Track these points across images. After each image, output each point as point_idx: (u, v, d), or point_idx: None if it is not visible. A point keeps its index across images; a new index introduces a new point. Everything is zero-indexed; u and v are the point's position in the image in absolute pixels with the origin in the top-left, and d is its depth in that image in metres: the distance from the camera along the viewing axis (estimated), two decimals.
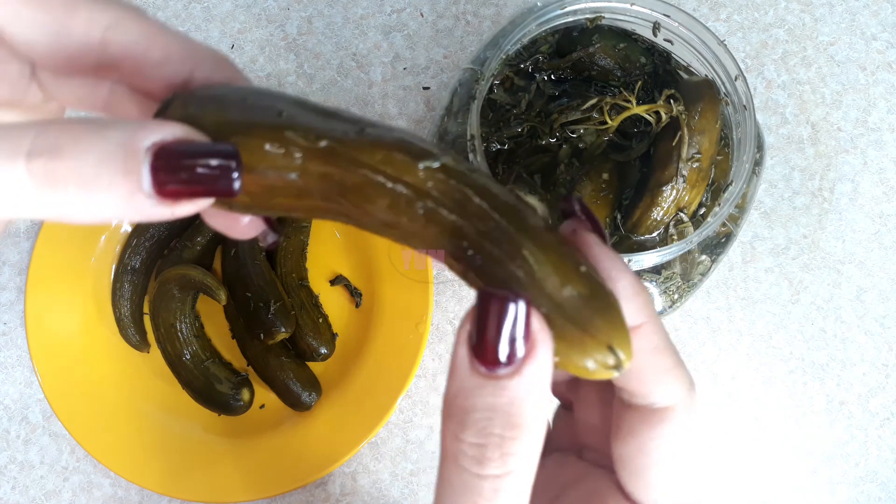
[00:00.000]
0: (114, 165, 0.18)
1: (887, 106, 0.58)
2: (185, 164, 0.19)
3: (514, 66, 0.43)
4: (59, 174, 0.18)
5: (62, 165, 0.18)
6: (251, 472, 0.52)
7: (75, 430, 0.51)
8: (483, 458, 0.20)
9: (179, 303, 0.54)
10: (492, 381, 0.19)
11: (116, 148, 0.18)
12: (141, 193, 0.18)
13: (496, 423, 0.19)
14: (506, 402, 0.19)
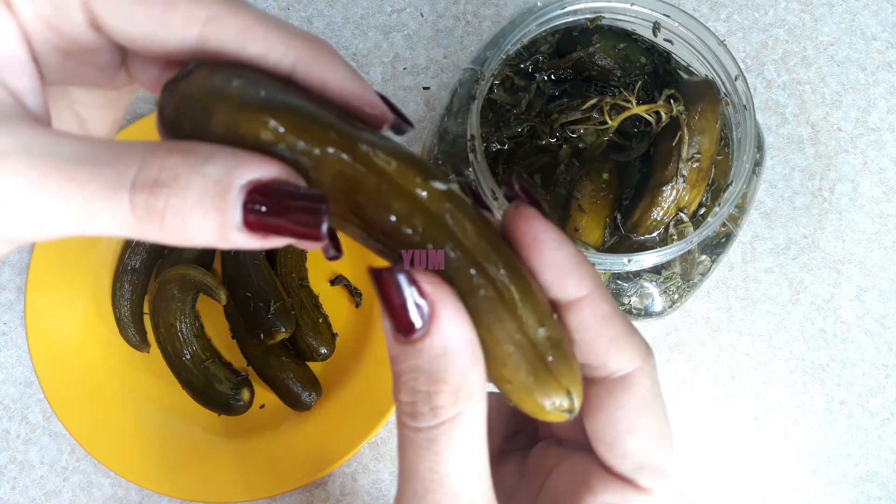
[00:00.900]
0: (208, 202, 0.19)
1: (887, 106, 0.58)
2: (275, 207, 0.20)
3: (514, 66, 0.43)
4: (157, 208, 0.19)
5: (161, 201, 0.19)
6: (251, 472, 0.52)
7: (75, 430, 0.51)
8: (416, 413, 0.22)
9: (179, 303, 0.54)
10: (409, 346, 0.21)
11: (213, 185, 0.19)
12: (230, 230, 0.19)
13: (420, 381, 0.21)
14: (425, 361, 0.21)
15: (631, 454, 0.24)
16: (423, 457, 0.22)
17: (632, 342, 0.23)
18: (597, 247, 0.40)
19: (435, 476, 0.22)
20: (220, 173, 0.19)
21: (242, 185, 0.19)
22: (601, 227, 0.41)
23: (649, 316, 0.42)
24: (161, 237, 0.19)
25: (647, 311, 0.41)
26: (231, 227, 0.19)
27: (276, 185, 0.20)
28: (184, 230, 0.19)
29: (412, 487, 0.22)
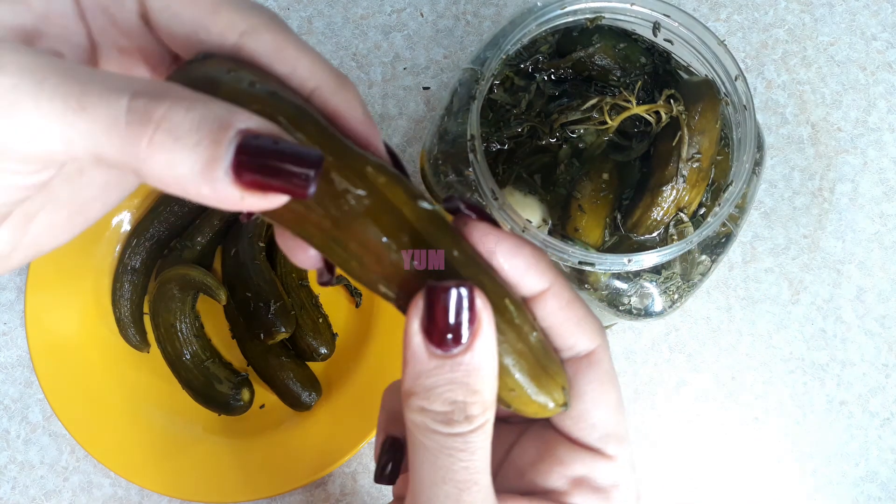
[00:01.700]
0: (206, 129, 0.19)
1: (887, 106, 0.58)
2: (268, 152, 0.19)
3: (514, 66, 0.43)
4: (153, 116, 0.18)
5: (160, 110, 0.18)
6: (251, 472, 0.52)
7: (75, 430, 0.51)
8: (451, 421, 0.23)
9: (179, 303, 0.54)
10: (448, 360, 0.23)
11: (214, 117, 0.19)
12: (219, 167, 0.19)
13: (458, 393, 0.23)
14: (462, 374, 0.23)
15: (598, 425, 0.26)
16: (459, 458, 0.23)
17: (592, 323, 0.26)
18: (597, 247, 0.40)
19: (470, 475, 0.24)
20: (223, 111, 0.19)
21: (241, 128, 0.19)
22: (601, 227, 0.41)
23: (649, 316, 0.42)
24: (145, 155, 0.18)
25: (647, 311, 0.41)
26: (219, 164, 0.19)
27: (274, 137, 0.19)
28: (170, 152, 0.18)
29: (443, 490, 0.24)
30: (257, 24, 0.23)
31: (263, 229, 0.54)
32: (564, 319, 0.25)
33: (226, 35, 0.22)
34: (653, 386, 0.55)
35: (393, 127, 0.58)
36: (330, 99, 0.23)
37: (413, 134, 0.58)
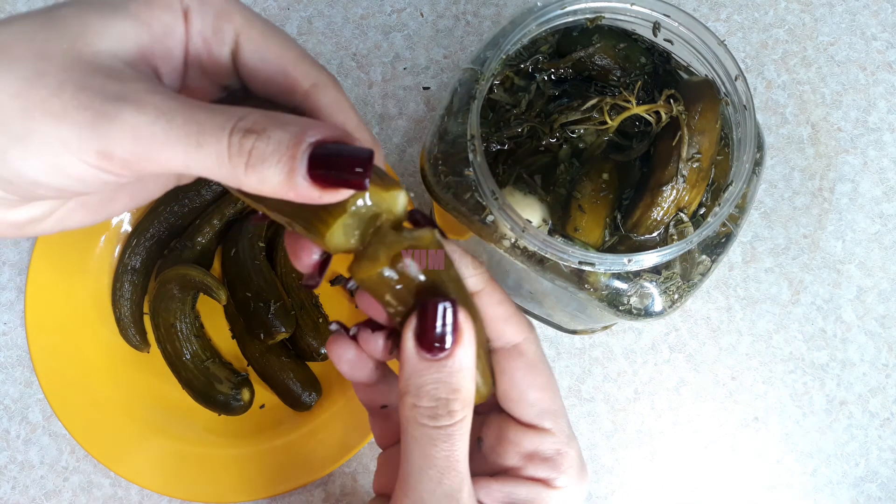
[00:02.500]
0: (284, 149, 0.24)
1: (887, 106, 0.58)
2: (332, 159, 0.24)
3: (514, 66, 0.43)
4: (246, 148, 0.24)
5: (250, 143, 0.24)
6: (251, 472, 0.52)
7: (75, 430, 0.51)
8: (436, 415, 0.29)
9: (179, 303, 0.54)
10: (435, 363, 0.28)
11: (290, 138, 0.24)
12: (297, 176, 0.24)
13: (441, 390, 0.28)
14: (446, 375, 0.28)
15: (534, 403, 0.32)
16: (441, 448, 0.29)
17: (519, 320, 0.32)
18: (597, 247, 0.40)
19: (450, 462, 0.29)
20: (296, 131, 0.24)
21: (311, 141, 0.24)
22: (601, 227, 0.41)
23: (649, 316, 0.41)
24: (245, 176, 0.24)
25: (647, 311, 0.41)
26: (298, 172, 0.24)
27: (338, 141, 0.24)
28: (262, 171, 0.24)
29: (428, 474, 0.29)
30: (326, 81, 0.29)
31: (263, 229, 0.54)
32: (495, 316, 0.31)
33: (300, 83, 0.28)
34: (653, 386, 0.55)
35: (393, 127, 0.58)
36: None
37: (413, 134, 0.58)
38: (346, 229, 0.27)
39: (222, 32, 0.28)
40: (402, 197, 0.28)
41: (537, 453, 0.32)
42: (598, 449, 0.54)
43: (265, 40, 0.28)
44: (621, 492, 0.53)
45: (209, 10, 0.27)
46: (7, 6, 0.60)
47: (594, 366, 0.55)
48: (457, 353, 0.28)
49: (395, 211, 0.28)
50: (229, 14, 0.28)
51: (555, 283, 0.41)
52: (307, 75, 0.28)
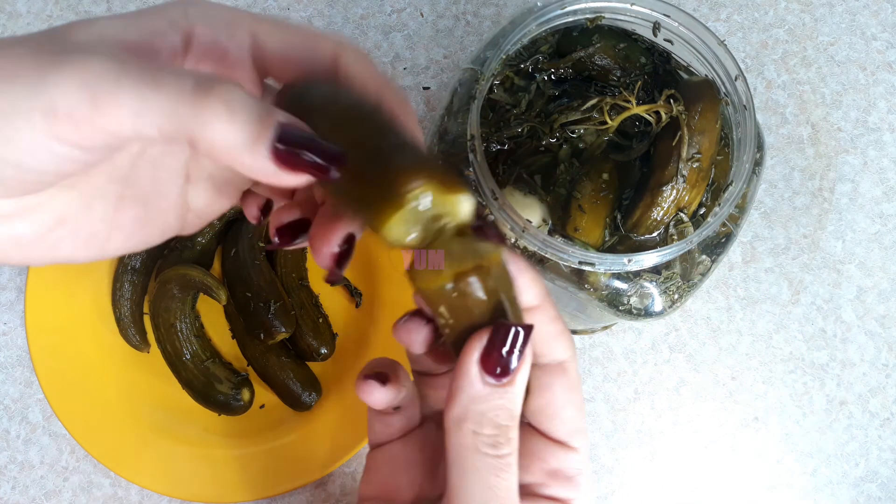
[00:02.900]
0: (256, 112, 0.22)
1: (887, 106, 0.58)
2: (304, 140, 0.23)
3: (514, 66, 0.43)
4: (215, 90, 0.22)
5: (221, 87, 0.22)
6: (251, 471, 0.52)
7: (75, 430, 0.51)
8: (497, 443, 0.28)
9: (179, 303, 0.54)
10: (499, 388, 0.27)
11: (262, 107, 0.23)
12: (263, 143, 0.22)
13: (502, 417, 0.27)
14: (508, 401, 0.27)
15: (568, 421, 0.31)
16: (503, 478, 0.28)
17: (568, 338, 0.31)
18: (597, 247, 0.40)
19: (510, 493, 0.28)
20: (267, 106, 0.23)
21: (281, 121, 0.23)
22: (601, 227, 0.41)
23: (649, 316, 0.42)
24: (202, 123, 0.22)
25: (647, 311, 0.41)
26: (264, 140, 0.22)
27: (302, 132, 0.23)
28: (226, 123, 0.22)
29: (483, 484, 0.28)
30: (345, 44, 0.28)
31: (263, 229, 0.54)
32: (548, 331, 0.30)
33: (325, 52, 0.28)
34: (653, 386, 0.55)
35: None
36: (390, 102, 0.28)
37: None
38: (406, 224, 0.25)
39: (236, 39, 0.28)
40: (466, 203, 0.27)
41: (561, 471, 0.31)
42: (598, 449, 0.54)
43: (281, 30, 0.28)
44: (621, 492, 0.53)
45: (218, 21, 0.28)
46: (7, 6, 0.60)
47: (594, 366, 0.55)
48: (518, 379, 0.28)
49: (459, 217, 0.27)
50: (239, 19, 0.28)
51: (555, 283, 0.41)
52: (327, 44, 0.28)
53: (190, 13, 0.27)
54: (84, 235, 0.28)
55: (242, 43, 0.28)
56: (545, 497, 0.31)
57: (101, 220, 0.29)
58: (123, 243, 0.30)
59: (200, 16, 0.27)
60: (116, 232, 0.29)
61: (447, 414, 0.28)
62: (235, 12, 0.28)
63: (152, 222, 0.30)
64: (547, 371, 0.31)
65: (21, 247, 0.27)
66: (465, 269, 0.26)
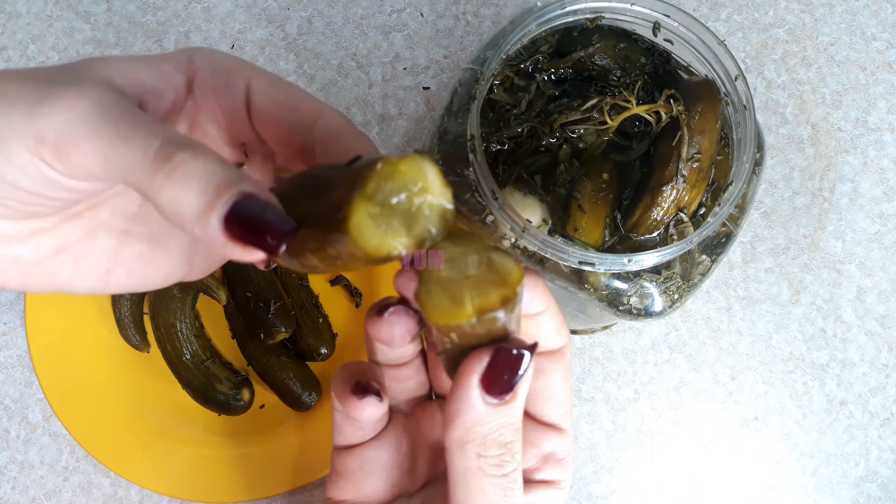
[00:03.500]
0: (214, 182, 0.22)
1: (887, 106, 0.58)
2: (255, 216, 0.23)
3: (514, 66, 0.43)
4: (175, 158, 0.22)
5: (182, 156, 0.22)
6: (251, 472, 0.52)
7: (75, 430, 0.51)
8: (503, 463, 0.27)
9: (179, 303, 0.54)
10: (502, 406, 0.26)
11: (225, 175, 0.23)
12: (213, 215, 0.22)
13: (507, 434, 0.27)
14: (511, 417, 0.27)
15: (561, 404, 0.31)
16: (511, 497, 0.28)
17: (566, 328, 0.31)
18: (597, 247, 0.40)
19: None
20: (232, 175, 0.23)
21: (244, 191, 0.22)
22: (601, 227, 0.41)
23: (649, 316, 0.41)
24: (160, 187, 0.22)
25: (647, 311, 0.41)
26: (214, 212, 0.22)
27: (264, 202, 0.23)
28: (180, 190, 0.22)
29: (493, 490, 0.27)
30: (332, 112, 0.29)
31: None
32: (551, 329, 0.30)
33: (309, 118, 0.28)
34: (653, 386, 0.55)
35: (393, 127, 0.58)
36: None
37: (413, 134, 0.58)
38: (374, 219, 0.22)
39: (234, 87, 0.29)
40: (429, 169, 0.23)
41: (553, 454, 0.32)
42: (598, 449, 0.54)
43: (273, 86, 0.29)
44: (621, 492, 0.53)
45: (220, 68, 0.29)
46: (7, 6, 0.60)
47: (594, 366, 0.55)
48: (520, 394, 0.27)
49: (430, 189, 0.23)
50: (239, 70, 0.29)
51: (555, 283, 0.41)
52: (314, 109, 0.29)
53: (195, 58, 0.29)
54: (85, 266, 0.29)
55: (238, 93, 0.29)
56: (539, 482, 0.31)
57: (103, 252, 0.29)
58: (125, 279, 0.30)
59: (205, 62, 0.29)
60: (119, 267, 0.30)
61: (448, 435, 0.27)
62: (236, 62, 0.29)
63: (157, 262, 0.31)
64: (546, 357, 0.31)
65: (20, 268, 0.27)
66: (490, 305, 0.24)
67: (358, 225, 0.22)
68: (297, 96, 0.29)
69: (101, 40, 0.59)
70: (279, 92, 0.29)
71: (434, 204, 0.23)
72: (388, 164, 0.22)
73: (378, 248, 0.23)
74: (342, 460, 0.33)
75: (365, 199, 0.22)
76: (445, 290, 0.24)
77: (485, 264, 0.24)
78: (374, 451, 0.33)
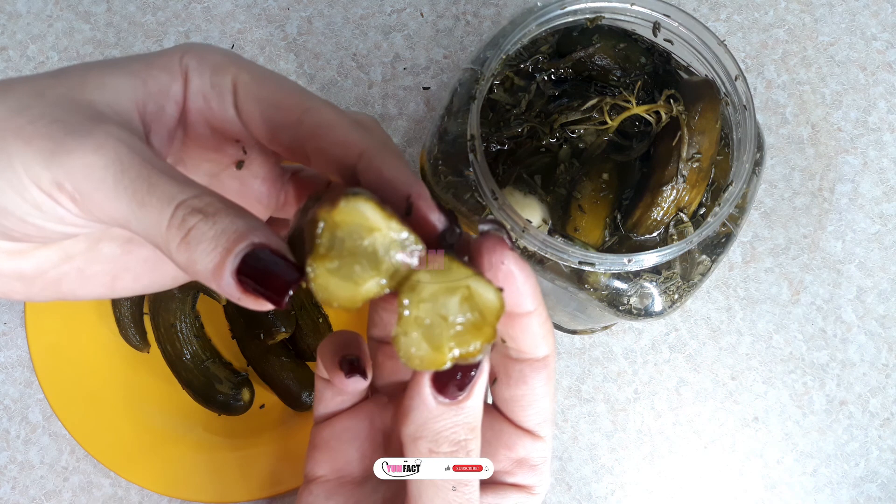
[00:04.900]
0: (222, 241, 0.23)
1: (887, 106, 0.58)
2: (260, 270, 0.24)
3: (514, 66, 0.43)
4: (187, 225, 0.24)
5: (192, 221, 0.24)
6: (251, 472, 0.52)
7: (75, 430, 0.51)
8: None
9: (179, 303, 0.54)
10: (454, 405, 0.27)
11: (234, 231, 0.24)
12: (224, 272, 0.23)
13: (461, 432, 0.27)
14: (465, 416, 0.27)
15: (541, 412, 0.31)
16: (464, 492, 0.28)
17: (552, 336, 0.31)
18: (597, 247, 0.40)
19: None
20: (243, 227, 0.24)
21: (254, 242, 0.24)
22: (601, 227, 0.41)
23: (649, 316, 0.42)
24: (176, 251, 0.24)
25: (647, 311, 0.41)
26: (227, 269, 0.23)
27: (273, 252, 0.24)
28: (194, 252, 0.24)
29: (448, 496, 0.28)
30: (320, 104, 0.28)
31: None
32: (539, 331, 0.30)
33: (291, 113, 0.28)
34: (653, 386, 0.55)
35: (393, 127, 0.58)
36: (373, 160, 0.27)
37: (413, 134, 0.58)
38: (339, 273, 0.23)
39: (220, 86, 0.28)
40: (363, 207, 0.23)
41: (527, 460, 0.32)
42: (598, 449, 0.54)
43: (257, 82, 0.28)
44: (621, 492, 0.53)
45: (207, 67, 0.28)
46: (7, 6, 0.60)
47: (594, 366, 0.55)
48: (475, 393, 0.27)
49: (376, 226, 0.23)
50: (225, 67, 0.28)
51: (555, 283, 0.41)
52: (298, 104, 0.28)
53: (185, 58, 0.28)
54: (90, 274, 0.29)
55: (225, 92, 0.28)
56: (510, 485, 0.32)
57: (108, 259, 0.30)
58: (132, 284, 0.31)
59: (195, 63, 0.28)
60: (125, 273, 0.30)
61: (402, 430, 0.27)
62: (224, 58, 0.28)
63: (164, 264, 0.31)
64: (529, 364, 0.31)
65: (24, 281, 0.28)
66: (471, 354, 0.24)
67: (323, 286, 0.23)
68: (282, 92, 0.28)
69: (101, 40, 0.59)
70: (263, 89, 0.28)
71: (387, 240, 0.23)
72: (325, 219, 0.23)
73: (352, 300, 0.23)
74: (319, 432, 0.35)
75: (319, 259, 0.23)
76: (425, 337, 0.24)
77: (466, 301, 0.24)
78: (349, 420, 0.34)
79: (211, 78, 0.28)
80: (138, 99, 0.27)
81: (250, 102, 0.28)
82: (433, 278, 0.23)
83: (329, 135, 0.27)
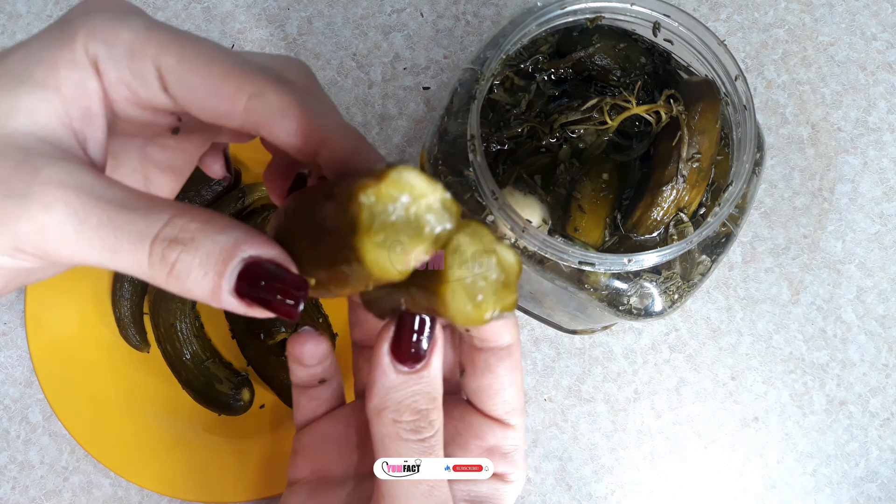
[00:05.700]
0: (212, 265, 0.23)
1: (887, 106, 0.58)
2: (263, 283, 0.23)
3: (514, 66, 0.43)
4: (170, 259, 0.23)
5: (175, 254, 0.22)
6: (251, 472, 0.52)
7: (75, 430, 0.51)
8: (418, 428, 0.28)
9: (179, 303, 0.54)
10: (413, 375, 0.28)
11: (219, 252, 0.23)
12: (223, 292, 0.23)
13: (421, 401, 0.28)
14: (424, 385, 0.28)
15: (508, 400, 0.32)
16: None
17: (514, 324, 0.32)
18: (597, 247, 0.40)
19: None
20: (229, 244, 0.23)
21: (244, 257, 0.23)
22: (601, 227, 0.41)
23: (649, 316, 0.41)
24: (166, 284, 0.23)
25: (647, 311, 0.41)
26: (224, 290, 0.23)
27: (270, 264, 0.23)
28: (185, 283, 0.23)
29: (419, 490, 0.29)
30: (264, 87, 0.25)
31: (263, 229, 0.54)
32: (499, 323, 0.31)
33: (235, 99, 0.25)
34: (653, 386, 0.55)
35: (393, 127, 0.58)
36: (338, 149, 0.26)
37: (413, 134, 0.58)
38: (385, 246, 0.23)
39: (142, 75, 0.25)
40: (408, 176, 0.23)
41: (498, 448, 0.33)
42: (598, 449, 0.54)
43: (184, 66, 0.25)
44: (621, 492, 0.53)
45: (120, 53, 0.25)
46: (7, 6, 0.60)
47: (594, 366, 0.55)
48: (433, 362, 0.28)
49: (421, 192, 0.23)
50: (142, 49, 0.25)
51: (555, 283, 0.41)
52: (239, 88, 0.25)
53: (91, 51, 0.25)
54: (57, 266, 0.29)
55: (150, 80, 0.25)
56: None
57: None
58: None
59: (104, 51, 0.25)
60: None
61: (368, 406, 0.29)
62: (137, 39, 0.25)
63: None
64: (493, 354, 0.32)
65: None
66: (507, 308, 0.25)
67: (374, 262, 0.22)
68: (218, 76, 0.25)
69: None
70: (194, 74, 0.25)
71: (432, 204, 0.24)
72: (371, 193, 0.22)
73: (404, 270, 0.23)
74: (299, 439, 0.36)
75: (365, 234, 0.22)
76: (468, 294, 0.25)
77: (498, 264, 0.25)
78: (327, 425, 0.36)
79: (129, 66, 0.25)
80: (59, 114, 0.24)
81: (184, 91, 0.25)
82: (472, 241, 0.24)
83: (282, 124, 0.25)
